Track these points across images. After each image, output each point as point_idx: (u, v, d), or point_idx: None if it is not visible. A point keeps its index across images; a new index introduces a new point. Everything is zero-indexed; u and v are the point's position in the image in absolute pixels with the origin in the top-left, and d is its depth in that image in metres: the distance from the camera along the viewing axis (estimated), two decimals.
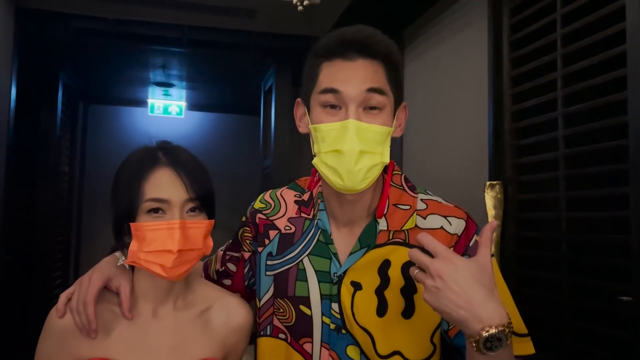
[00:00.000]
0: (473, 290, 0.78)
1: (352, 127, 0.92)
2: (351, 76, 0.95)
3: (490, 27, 2.00)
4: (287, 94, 3.71)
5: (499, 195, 1.78)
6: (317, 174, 1.09)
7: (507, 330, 0.77)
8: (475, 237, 1.00)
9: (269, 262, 1.08)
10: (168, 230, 0.93)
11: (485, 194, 1.80)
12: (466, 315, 0.77)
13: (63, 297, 0.99)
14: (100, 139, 5.27)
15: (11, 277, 3.37)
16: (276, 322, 1.04)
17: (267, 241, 1.10)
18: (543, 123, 1.75)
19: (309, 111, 1.00)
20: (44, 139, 3.76)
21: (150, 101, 5.30)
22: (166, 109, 5.35)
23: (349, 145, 0.92)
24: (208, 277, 1.21)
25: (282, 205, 1.13)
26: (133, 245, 0.95)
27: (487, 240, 0.84)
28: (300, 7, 2.47)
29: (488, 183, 1.82)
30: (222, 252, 1.22)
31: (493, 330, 0.76)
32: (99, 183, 5.12)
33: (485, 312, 0.77)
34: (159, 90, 5.03)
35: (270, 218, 1.12)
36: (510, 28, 1.93)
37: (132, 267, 1.04)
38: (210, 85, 4.89)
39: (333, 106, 0.95)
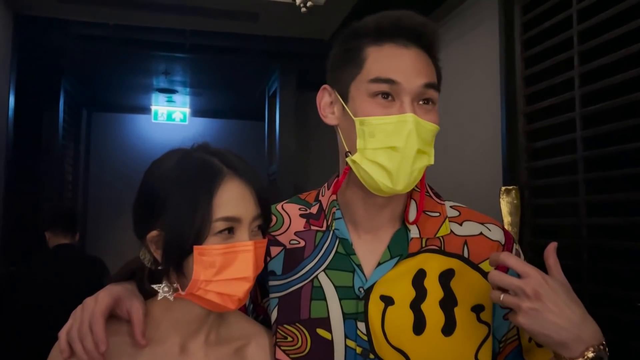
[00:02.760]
0: (571, 310, 0.73)
1: (412, 122, 0.82)
2: (408, 66, 0.84)
3: (502, 25, 1.93)
4: (292, 98, 3.65)
5: (515, 201, 1.70)
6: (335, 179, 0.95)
7: (606, 349, 0.73)
8: (515, 245, 0.91)
9: (271, 283, 0.93)
10: (242, 253, 0.78)
11: (501, 199, 1.72)
12: (569, 336, 0.72)
13: (63, 334, 0.80)
14: (104, 146, 5.23)
15: (15, 287, 3.32)
16: (280, 355, 0.88)
17: (267, 258, 0.93)
18: (559, 124, 1.68)
19: (346, 100, 0.88)
20: (46, 147, 3.71)
21: (153, 108, 5.25)
22: (170, 115, 5.30)
23: (408, 143, 0.82)
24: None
25: (285, 219, 0.98)
26: (198, 274, 0.77)
27: (557, 262, 0.79)
28: (303, 9, 2.40)
29: (503, 188, 1.74)
30: None
31: (594, 351, 0.72)
32: (103, 191, 5.08)
33: (587, 331, 0.73)
34: (162, 97, 4.98)
35: (272, 233, 0.96)
36: (522, 26, 1.86)
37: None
38: (214, 91, 4.84)
39: (385, 96, 0.84)
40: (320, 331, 0.86)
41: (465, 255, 0.88)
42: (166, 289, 0.82)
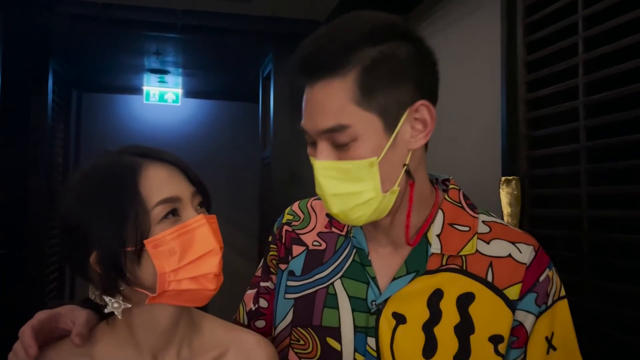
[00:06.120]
0: None
1: (317, 169, 0.78)
2: (308, 110, 0.79)
3: (503, 8, 1.87)
4: (286, 81, 3.57)
5: (515, 192, 1.66)
6: None
7: None
8: (547, 271, 0.83)
9: (289, 283, 0.91)
10: (197, 230, 0.74)
11: (501, 190, 1.67)
12: None
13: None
14: (95, 128, 5.14)
15: (7, 270, 3.29)
16: (292, 357, 0.87)
17: (290, 258, 0.93)
18: (561, 113, 1.63)
19: None
20: (34, 129, 3.62)
21: (145, 88, 5.15)
22: (162, 96, 5.20)
23: (319, 189, 0.79)
24: (237, 323, 1.01)
25: (312, 217, 0.96)
26: (161, 267, 0.72)
27: None
28: None
29: (504, 178, 1.70)
30: (253, 291, 1.01)
31: None
32: None
33: None
34: (154, 78, 4.89)
35: (297, 231, 0.95)
36: (525, 10, 1.80)
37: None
38: (207, 71, 4.74)
39: (311, 140, 0.82)
40: (330, 340, 0.84)
41: (489, 278, 0.81)
42: (116, 305, 0.75)
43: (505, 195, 1.66)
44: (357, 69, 0.75)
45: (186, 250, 0.73)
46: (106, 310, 0.77)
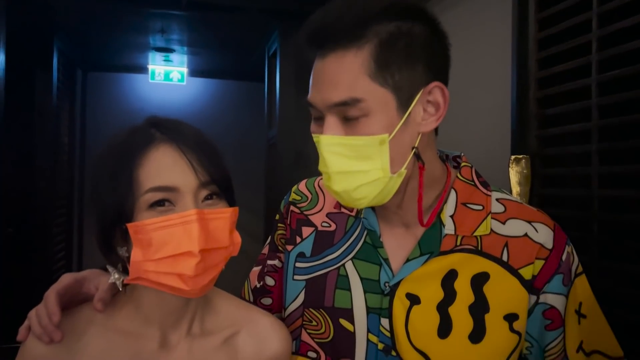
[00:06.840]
0: None
1: (321, 144, 0.76)
2: (318, 83, 0.76)
3: None
4: (293, 59, 3.52)
5: (525, 171, 1.64)
6: None
7: None
8: (567, 248, 0.83)
9: (299, 265, 0.90)
10: (183, 226, 0.69)
11: (510, 169, 1.65)
12: None
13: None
14: (101, 107, 5.12)
15: (14, 249, 3.31)
16: (305, 338, 0.86)
17: (298, 239, 0.92)
18: (573, 91, 1.60)
19: None
20: (40, 109, 3.61)
21: (150, 67, 5.12)
22: (167, 75, 5.18)
23: (323, 166, 0.77)
24: (243, 299, 1.01)
25: (320, 197, 0.94)
26: (136, 255, 0.70)
27: None
28: None
29: (513, 157, 1.68)
30: (258, 268, 1.01)
31: None
32: None
33: None
34: (159, 56, 4.85)
35: (305, 212, 0.94)
36: None
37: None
38: (213, 50, 4.70)
39: (317, 118, 0.79)
40: (343, 322, 0.83)
41: (504, 258, 0.80)
42: (117, 275, 0.75)
43: (514, 174, 1.64)
44: (374, 42, 0.73)
45: (163, 245, 0.69)
46: (109, 280, 0.76)
